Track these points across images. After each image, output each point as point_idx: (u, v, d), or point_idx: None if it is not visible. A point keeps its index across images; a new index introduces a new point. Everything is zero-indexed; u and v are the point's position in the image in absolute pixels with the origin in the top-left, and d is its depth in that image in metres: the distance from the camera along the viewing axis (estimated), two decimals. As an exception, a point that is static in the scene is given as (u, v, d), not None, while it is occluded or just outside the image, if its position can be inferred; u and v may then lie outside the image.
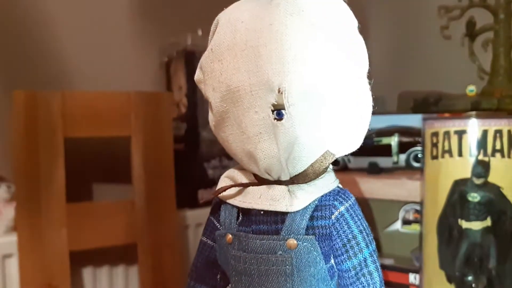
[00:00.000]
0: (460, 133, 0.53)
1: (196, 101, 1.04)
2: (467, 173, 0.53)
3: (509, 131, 0.51)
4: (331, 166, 0.35)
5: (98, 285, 0.94)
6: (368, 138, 0.70)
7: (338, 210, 0.34)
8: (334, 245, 0.34)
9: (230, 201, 0.36)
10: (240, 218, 0.36)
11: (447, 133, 0.53)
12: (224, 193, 0.36)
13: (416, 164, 0.63)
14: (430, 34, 0.95)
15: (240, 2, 0.35)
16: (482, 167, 0.52)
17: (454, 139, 0.53)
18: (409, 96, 0.89)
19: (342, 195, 0.35)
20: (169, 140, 0.96)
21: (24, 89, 0.83)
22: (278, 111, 0.31)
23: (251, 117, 0.31)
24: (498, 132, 0.51)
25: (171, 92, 1.05)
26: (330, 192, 0.34)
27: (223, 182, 0.37)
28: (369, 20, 1.10)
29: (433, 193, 0.55)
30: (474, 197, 0.52)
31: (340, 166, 0.69)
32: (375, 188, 0.64)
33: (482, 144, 0.52)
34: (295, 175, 0.33)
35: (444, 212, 0.54)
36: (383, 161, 0.65)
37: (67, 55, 0.97)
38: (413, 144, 0.65)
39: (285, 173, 0.33)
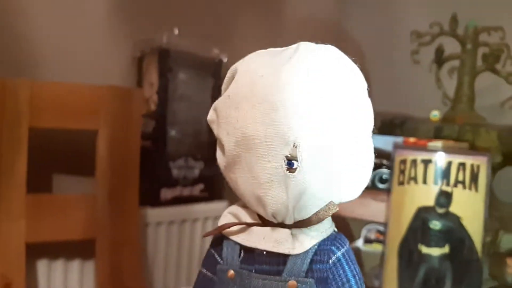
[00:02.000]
0: (426, 162, 0.56)
1: (166, 99, 1.04)
2: (430, 201, 0.56)
3: (472, 165, 0.55)
4: None
5: (52, 278, 0.92)
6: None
7: (335, 256, 0.36)
8: (329, 287, 0.36)
9: (234, 237, 0.37)
10: (242, 255, 0.37)
11: (414, 161, 0.56)
12: (228, 230, 0.37)
13: (381, 186, 0.66)
14: (401, 58, 0.99)
15: (259, 54, 0.36)
16: (445, 198, 0.55)
17: (420, 167, 0.56)
18: (377, 116, 0.91)
19: (339, 241, 0.37)
20: (137, 137, 0.95)
21: (-8, 74, 0.80)
22: (290, 162, 0.33)
23: (264, 165, 0.33)
24: (462, 165, 0.54)
25: (141, 88, 1.05)
26: (328, 237, 0.36)
27: (226, 218, 0.38)
28: (343, 38, 1.13)
29: (398, 217, 0.57)
30: (436, 225, 0.55)
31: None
32: (341, 205, 0.66)
33: (446, 174, 0.55)
34: (299, 220, 0.35)
35: (406, 236, 0.57)
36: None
37: (39, 44, 0.94)
38: (379, 165, 0.67)
39: (290, 219, 0.35)
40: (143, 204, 0.99)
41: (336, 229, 0.38)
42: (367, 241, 0.66)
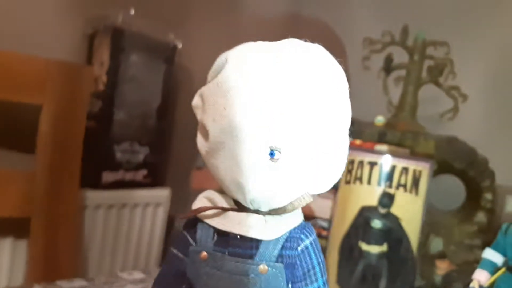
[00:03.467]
0: (372, 164, 0.59)
1: (116, 80, 1.01)
2: (373, 201, 0.58)
3: (414, 170, 0.58)
4: None
5: (-20, 256, 0.88)
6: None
7: (303, 243, 0.38)
8: (295, 272, 0.38)
9: (208, 221, 0.38)
10: (216, 238, 0.38)
11: (361, 162, 0.59)
12: (203, 213, 0.37)
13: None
14: (352, 62, 1.02)
15: (250, 46, 0.37)
16: (388, 199, 0.58)
17: (366, 168, 0.58)
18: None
19: (308, 230, 0.39)
20: (82, 116, 0.93)
21: None
22: (273, 153, 0.34)
23: (247, 154, 0.34)
24: (405, 169, 0.57)
25: (92, 66, 1.02)
26: (298, 226, 0.38)
27: (201, 201, 0.39)
28: (298, 36, 1.15)
29: (342, 215, 0.59)
30: (377, 224, 0.58)
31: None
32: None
33: (389, 177, 0.58)
34: (273, 208, 0.37)
35: (348, 232, 0.59)
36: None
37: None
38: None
39: (266, 206, 0.36)
40: (83, 185, 0.96)
41: (303, 219, 0.40)
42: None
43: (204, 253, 0.37)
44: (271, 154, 0.34)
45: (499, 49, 1.06)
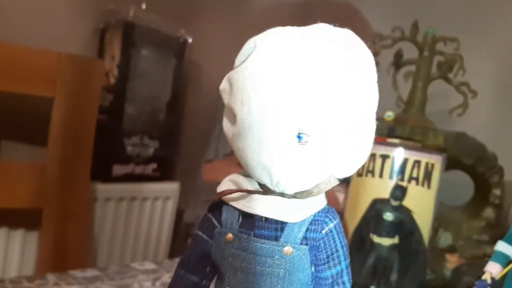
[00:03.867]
0: (384, 157, 0.59)
1: (127, 74, 1.02)
2: (385, 194, 0.59)
3: (427, 163, 0.58)
4: None
5: (-8, 247, 0.89)
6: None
7: (328, 226, 0.38)
8: (319, 255, 0.38)
9: (233, 203, 0.38)
10: (241, 221, 0.38)
11: (373, 155, 0.59)
12: (228, 196, 0.38)
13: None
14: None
15: (279, 30, 0.37)
16: (400, 191, 0.58)
17: (378, 161, 0.59)
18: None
19: (332, 213, 0.39)
20: (94, 109, 0.94)
21: None
22: (301, 135, 0.34)
23: (276, 136, 0.34)
24: (417, 162, 0.58)
25: (103, 60, 1.02)
26: (322, 209, 0.38)
27: (226, 185, 0.39)
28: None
29: (354, 207, 0.60)
30: (388, 216, 0.58)
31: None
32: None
33: (401, 170, 0.59)
34: (298, 191, 0.37)
35: (360, 225, 0.59)
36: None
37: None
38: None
39: (292, 190, 0.36)
40: (94, 178, 0.97)
41: (327, 203, 0.40)
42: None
43: (230, 235, 0.38)
44: (299, 137, 0.34)
45: (509, 45, 1.06)
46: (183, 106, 1.20)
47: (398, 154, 0.58)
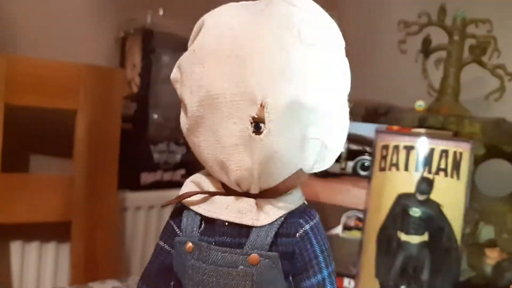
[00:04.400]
0: (409, 149, 0.55)
1: (149, 81, 1.02)
2: (411, 188, 0.55)
3: (454, 152, 0.54)
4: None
5: (26, 261, 0.90)
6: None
7: (303, 229, 0.33)
8: (295, 263, 0.33)
9: (194, 208, 0.34)
10: (203, 227, 0.34)
11: (396, 147, 0.55)
12: (188, 199, 0.34)
13: (362, 173, 0.65)
14: (388, 46, 0.98)
15: (230, 6, 0.34)
16: (427, 184, 0.54)
17: (402, 153, 0.55)
18: (361, 105, 0.91)
19: (308, 213, 0.34)
20: (117, 118, 0.93)
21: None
22: (257, 125, 0.30)
23: (229, 127, 0.31)
24: (444, 152, 0.54)
25: (123, 69, 1.02)
26: (296, 209, 0.34)
27: (188, 186, 0.35)
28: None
29: (377, 204, 0.56)
30: (416, 212, 0.54)
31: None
32: (321, 191, 0.65)
33: (428, 161, 0.54)
34: (265, 190, 0.33)
35: (385, 223, 0.56)
36: (331, 166, 0.67)
37: (19, 18, 0.91)
38: (362, 152, 0.66)
39: (255, 187, 0.32)
40: (122, 187, 0.97)
41: (306, 202, 0.35)
42: (346, 228, 0.65)
43: (190, 244, 0.33)
44: (256, 126, 0.30)
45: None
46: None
47: (423, 144, 0.54)
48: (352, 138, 0.69)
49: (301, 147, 0.32)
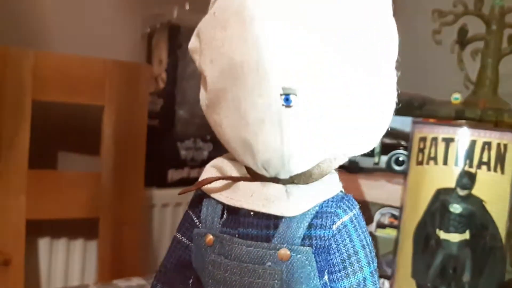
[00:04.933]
0: (448, 141, 0.52)
1: (176, 77, 1.00)
2: (451, 183, 0.51)
3: (498, 144, 0.50)
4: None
5: (54, 257, 0.90)
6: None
7: (341, 220, 0.29)
8: (331, 259, 0.29)
9: (215, 195, 0.30)
10: (225, 217, 0.30)
11: (434, 139, 0.52)
12: (209, 186, 0.30)
13: (397, 168, 0.62)
14: (421, 37, 0.94)
15: None
16: (468, 179, 0.51)
17: (441, 146, 0.52)
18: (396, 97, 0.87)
19: (347, 202, 0.30)
20: (144, 115, 0.92)
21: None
22: (287, 97, 0.26)
23: (254, 101, 0.26)
24: (487, 144, 0.50)
25: (150, 65, 1.01)
26: (333, 198, 0.29)
27: (208, 172, 0.31)
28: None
29: (414, 200, 0.53)
30: (456, 208, 0.51)
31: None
32: (353, 187, 0.62)
33: (469, 154, 0.51)
34: (296, 174, 0.28)
35: (423, 220, 0.52)
36: (364, 161, 0.64)
37: (46, 13, 0.91)
38: (396, 146, 0.63)
39: (286, 171, 0.28)
40: (149, 185, 0.96)
41: (343, 189, 0.31)
42: (380, 226, 0.62)
43: (210, 237, 0.29)
44: (286, 99, 0.26)
45: None
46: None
47: (464, 136, 0.51)
48: (386, 132, 0.66)
49: (338, 125, 0.27)
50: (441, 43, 0.89)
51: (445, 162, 0.52)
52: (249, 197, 0.29)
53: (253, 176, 0.29)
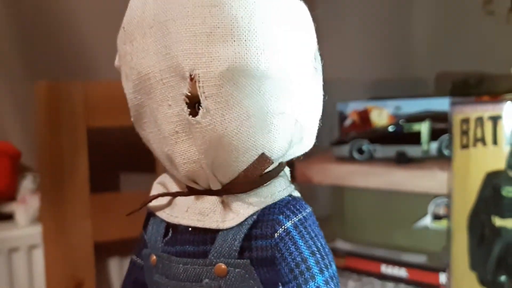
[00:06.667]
0: (495, 119, 0.47)
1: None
2: (501, 164, 0.47)
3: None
4: (286, 170, 0.30)
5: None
6: (396, 124, 0.65)
7: (283, 227, 0.27)
8: (279, 270, 0.27)
9: (159, 213, 0.30)
10: (169, 235, 0.29)
11: (479, 119, 0.48)
12: (154, 203, 0.30)
13: (449, 153, 0.58)
14: (472, 9, 0.88)
15: None
16: (518, 158, 0.46)
17: (488, 125, 0.47)
18: (447, 77, 0.82)
19: (292, 207, 0.27)
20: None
21: (48, 79, 0.82)
22: (194, 104, 0.25)
23: (165, 112, 0.26)
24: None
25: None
26: (276, 203, 0.27)
27: (155, 189, 0.32)
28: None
29: (463, 187, 0.49)
30: (510, 191, 0.46)
31: (365, 156, 0.64)
32: (403, 179, 0.59)
33: (519, 131, 0.46)
34: (231, 183, 0.27)
35: (475, 208, 0.48)
36: (412, 150, 0.60)
37: (91, 45, 0.96)
38: (446, 130, 0.59)
39: (214, 182, 0.27)
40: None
41: (296, 192, 0.29)
42: (436, 217, 0.58)
43: (154, 256, 0.29)
44: (192, 106, 0.25)
45: None
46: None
47: (511, 112, 0.46)
48: (434, 116, 0.62)
49: (254, 125, 0.25)
50: (494, 14, 0.82)
51: (494, 142, 0.47)
52: (184, 212, 0.28)
53: (190, 189, 0.28)
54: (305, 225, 0.27)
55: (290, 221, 0.27)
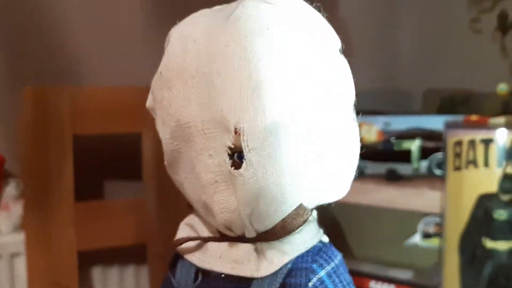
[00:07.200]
0: (487, 142, 0.48)
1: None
2: (493, 187, 0.48)
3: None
4: (314, 213, 0.30)
5: (108, 285, 0.92)
6: (387, 142, 0.66)
7: (317, 276, 0.27)
8: None
9: (188, 256, 0.30)
10: (200, 279, 0.30)
11: (472, 142, 0.49)
12: (182, 246, 0.30)
13: (439, 172, 0.59)
14: (459, 27, 0.89)
15: (196, 14, 0.30)
16: (510, 182, 0.47)
17: (480, 148, 0.48)
18: (435, 94, 0.83)
19: (324, 255, 0.28)
20: (182, 137, 0.93)
21: (35, 84, 0.81)
22: (238, 155, 0.25)
23: (205, 162, 0.26)
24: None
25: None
26: (309, 251, 0.28)
27: (182, 231, 0.32)
28: (398, 10, 1.05)
29: (455, 208, 0.50)
30: (501, 214, 0.47)
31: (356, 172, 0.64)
32: (393, 197, 0.59)
33: (510, 155, 0.47)
34: (263, 232, 0.27)
35: (467, 229, 0.49)
36: (403, 168, 0.61)
37: (79, 50, 0.94)
38: (437, 149, 0.60)
39: (250, 230, 0.27)
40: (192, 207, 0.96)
41: (324, 239, 0.30)
42: (426, 235, 0.59)
43: None
44: (237, 158, 0.25)
45: None
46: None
47: (503, 136, 0.47)
48: (424, 134, 0.63)
49: (294, 177, 0.26)
50: (481, 32, 0.84)
51: (486, 164, 0.48)
52: (217, 258, 0.28)
53: (222, 235, 0.28)
54: (338, 273, 0.28)
55: (323, 270, 0.28)
